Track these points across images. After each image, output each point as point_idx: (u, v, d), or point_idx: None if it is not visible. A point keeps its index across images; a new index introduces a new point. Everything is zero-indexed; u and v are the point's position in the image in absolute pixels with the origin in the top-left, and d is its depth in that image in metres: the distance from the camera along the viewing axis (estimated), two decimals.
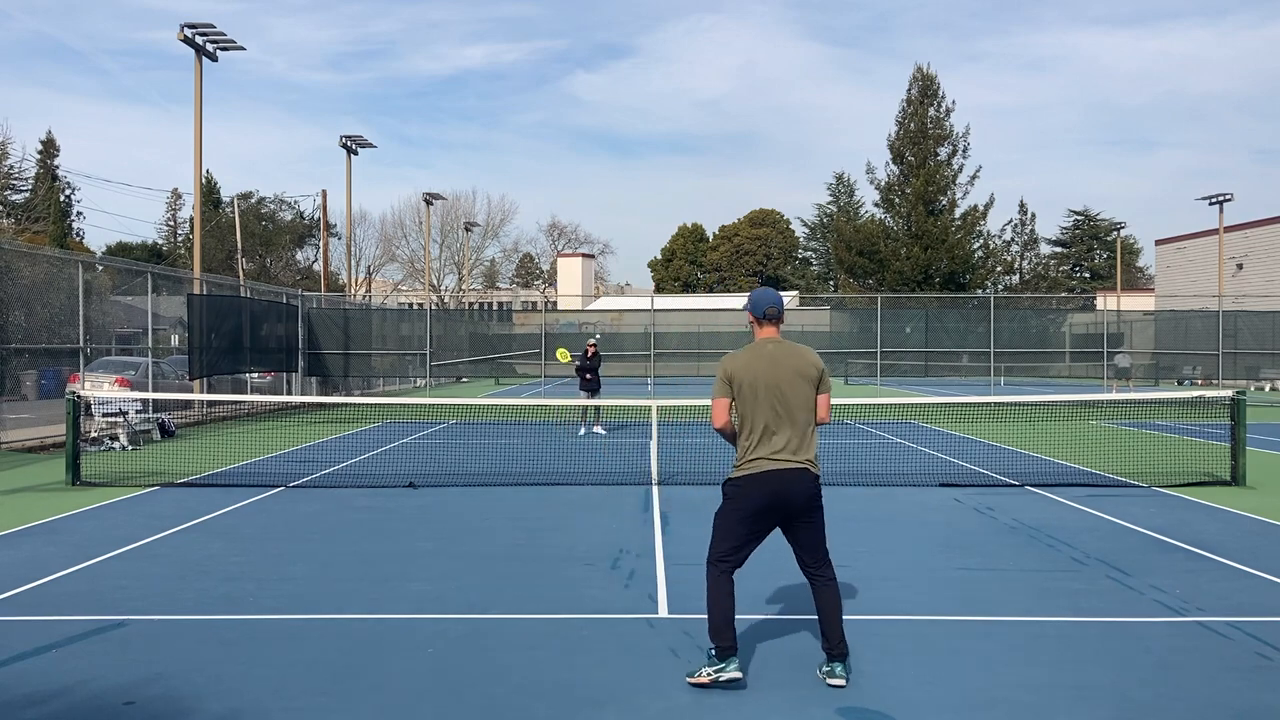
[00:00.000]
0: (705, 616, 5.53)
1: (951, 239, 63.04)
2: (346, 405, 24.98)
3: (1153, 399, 23.16)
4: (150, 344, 23.58)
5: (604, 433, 19.92)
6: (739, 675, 5.41)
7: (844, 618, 5.62)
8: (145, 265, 25.16)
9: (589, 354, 20.26)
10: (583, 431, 19.90)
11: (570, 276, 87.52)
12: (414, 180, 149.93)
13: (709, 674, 5.42)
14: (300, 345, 30.40)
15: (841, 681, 5.44)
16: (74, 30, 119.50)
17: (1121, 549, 9.06)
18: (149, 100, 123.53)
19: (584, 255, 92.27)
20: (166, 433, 19.38)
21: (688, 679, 5.48)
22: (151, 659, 5.93)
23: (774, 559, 7.05)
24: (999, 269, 68.74)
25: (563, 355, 21.44)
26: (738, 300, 57.38)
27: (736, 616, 5.56)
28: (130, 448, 17.23)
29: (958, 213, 64.32)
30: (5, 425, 17.61)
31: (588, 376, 20.24)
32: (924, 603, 7.24)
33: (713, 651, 5.47)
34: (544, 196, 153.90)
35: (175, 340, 27.88)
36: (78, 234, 63.66)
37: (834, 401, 6.69)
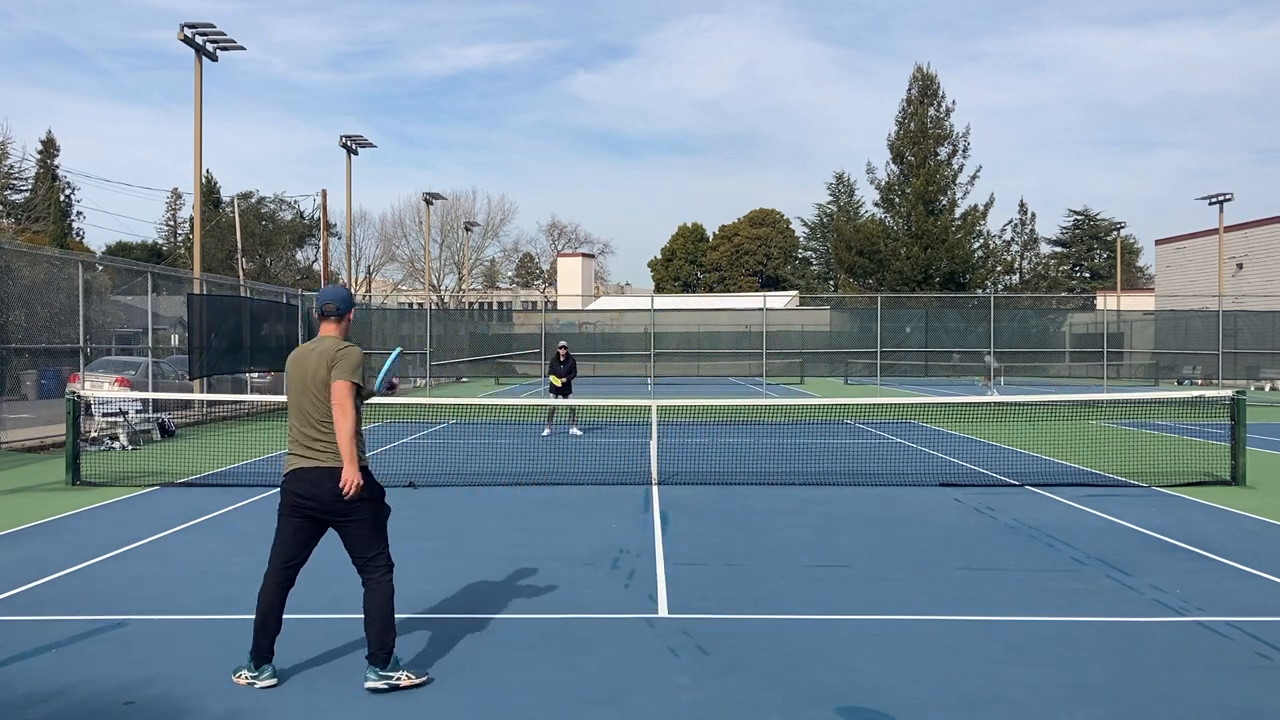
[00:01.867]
0: (701, 616, 5.51)
1: (951, 239, 63.06)
2: None
3: (1153, 399, 23.15)
4: (150, 344, 23.58)
5: (579, 432, 19.86)
6: (274, 681, 5.45)
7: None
8: (145, 265, 25.17)
9: (563, 357, 20.32)
10: (546, 432, 19.75)
11: (570, 276, 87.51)
12: (414, 180, 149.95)
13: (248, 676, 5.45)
14: (300, 346, 30.38)
15: (375, 684, 5.33)
16: (74, 30, 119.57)
17: (1121, 549, 9.06)
18: (149, 100, 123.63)
19: (584, 255, 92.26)
20: (166, 433, 19.38)
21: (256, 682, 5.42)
22: (151, 659, 5.93)
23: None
24: (999, 269, 68.76)
25: (556, 380, 21.32)
26: (738, 300, 57.47)
27: (728, 617, 5.52)
28: (130, 448, 17.23)
29: (958, 213, 64.36)
30: (5, 425, 17.61)
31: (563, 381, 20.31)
32: (924, 603, 7.24)
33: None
34: (544, 196, 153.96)
35: (175, 340, 27.88)
36: (78, 234, 63.67)
37: (834, 401, 6.65)
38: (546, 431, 19.78)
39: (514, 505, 11.51)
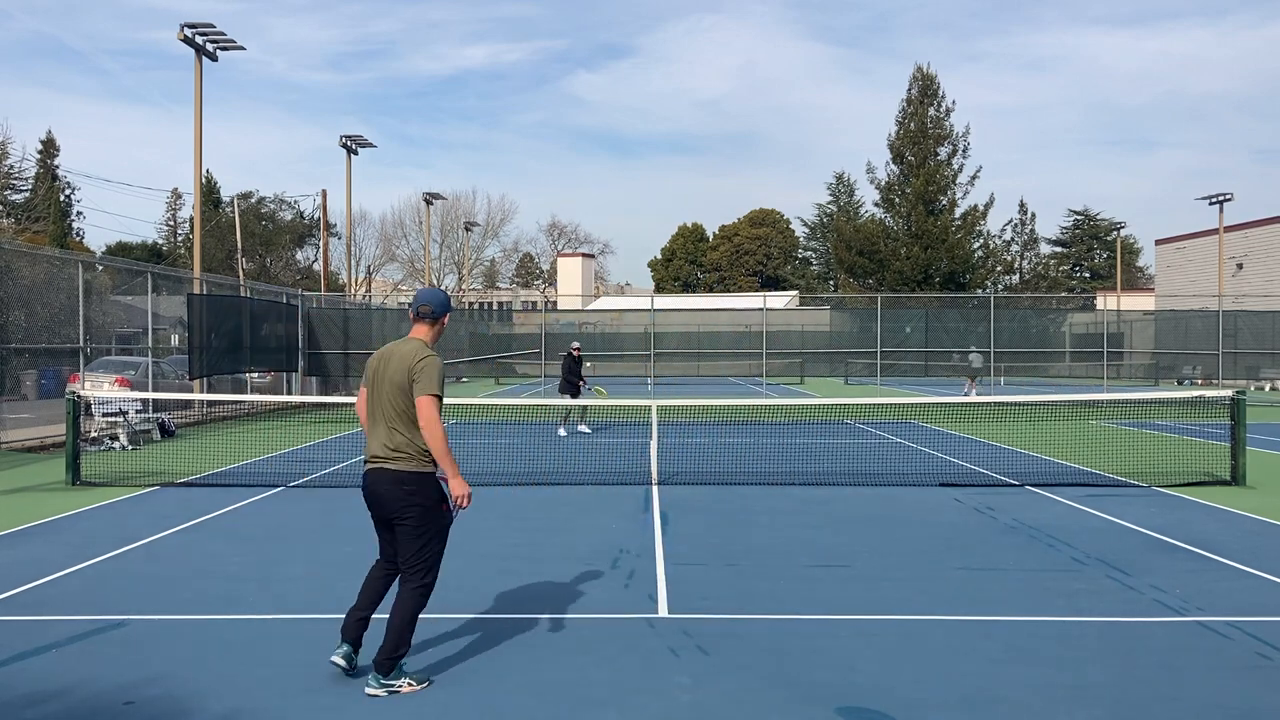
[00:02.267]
0: (701, 616, 5.52)
1: (951, 239, 63.06)
2: (347, 405, 24.92)
3: (1153, 399, 23.15)
4: (150, 344, 23.57)
5: (588, 430, 19.96)
6: (341, 661, 5.53)
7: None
8: (145, 265, 25.16)
9: (575, 358, 20.45)
10: (563, 432, 19.86)
11: (570, 276, 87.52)
12: (414, 180, 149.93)
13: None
14: (300, 345, 30.39)
15: (374, 691, 5.32)
16: (74, 30, 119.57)
17: (1121, 549, 9.06)
18: (149, 100, 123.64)
19: (584, 255, 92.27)
20: (166, 432, 19.37)
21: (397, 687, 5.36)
22: (151, 659, 5.93)
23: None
24: (999, 269, 68.76)
25: (601, 392, 21.55)
26: (738, 300, 57.45)
27: (727, 617, 5.52)
28: (130, 448, 17.23)
29: (958, 212, 64.36)
30: (5, 425, 17.61)
31: (574, 381, 20.41)
32: (924, 603, 7.24)
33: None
34: (544, 196, 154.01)
35: (175, 340, 27.86)
36: (78, 234, 63.66)
37: (834, 401, 6.64)
38: (563, 432, 19.91)
39: (514, 505, 11.51)
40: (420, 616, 6.86)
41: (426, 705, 5.23)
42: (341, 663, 5.51)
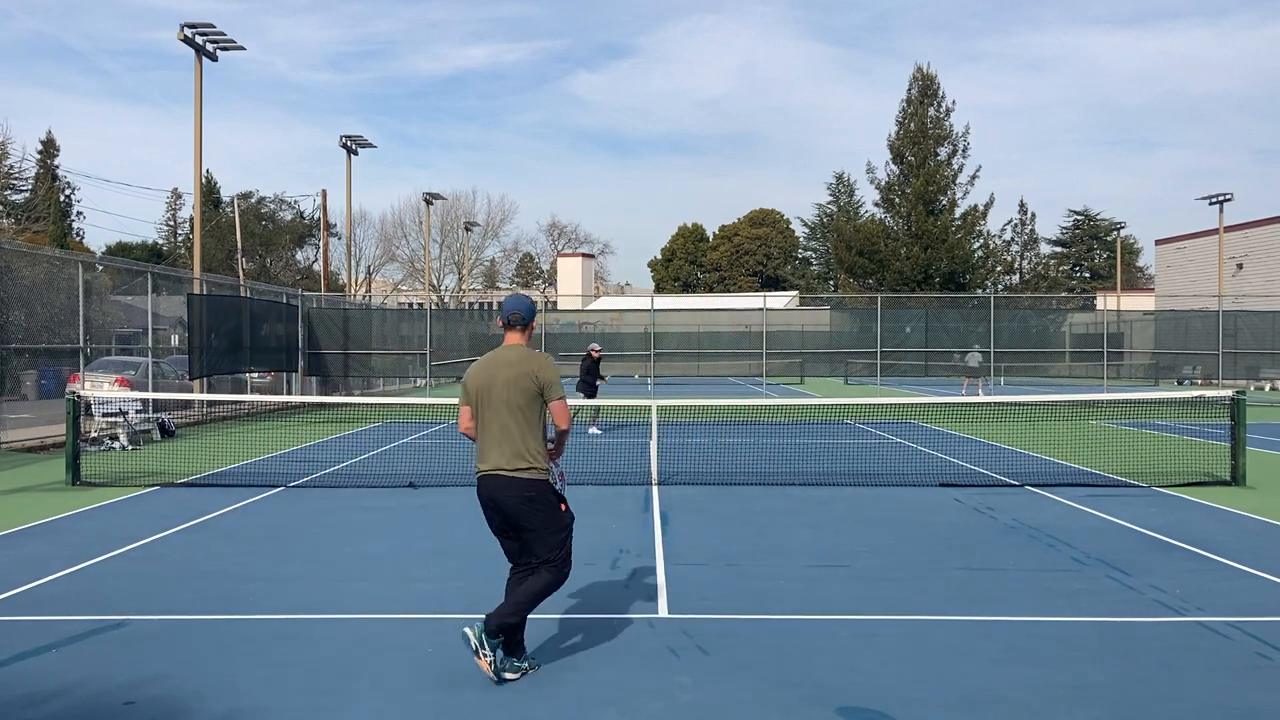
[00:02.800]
0: (701, 616, 5.53)
1: (951, 239, 63.06)
2: (346, 405, 24.97)
3: (1153, 399, 23.15)
4: (150, 344, 23.57)
5: (599, 432, 20.00)
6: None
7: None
8: (145, 265, 25.16)
9: (595, 360, 20.46)
10: (594, 430, 20.04)
11: (570, 276, 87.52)
12: (414, 180, 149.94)
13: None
14: (300, 345, 30.40)
15: (487, 659, 5.39)
16: (74, 30, 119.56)
17: (1121, 549, 9.06)
18: (149, 100, 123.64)
19: (584, 255, 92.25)
20: (166, 433, 19.37)
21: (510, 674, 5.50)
22: (151, 659, 5.93)
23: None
24: (999, 269, 68.76)
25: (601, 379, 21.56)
26: (738, 300, 57.45)
27: (726, 617, 5.52)
28: (130, 448, 17.23)
29: (958, 212, 64.36)
30: (5, 425, 17.61)
31: (591, 381, 20.42)
32: (924, 603, 7.24)
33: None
34: (544, 196, 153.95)
35: (175, 340, 27.88)
36: (78, 234, 63.66)
37: (834, 401, 6.63)
38: (594, 430, 20.05)
39: None
40: (420, 617, 6.89)
41: (426, 705, 5.23)
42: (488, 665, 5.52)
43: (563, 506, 5.71)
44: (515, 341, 5.72)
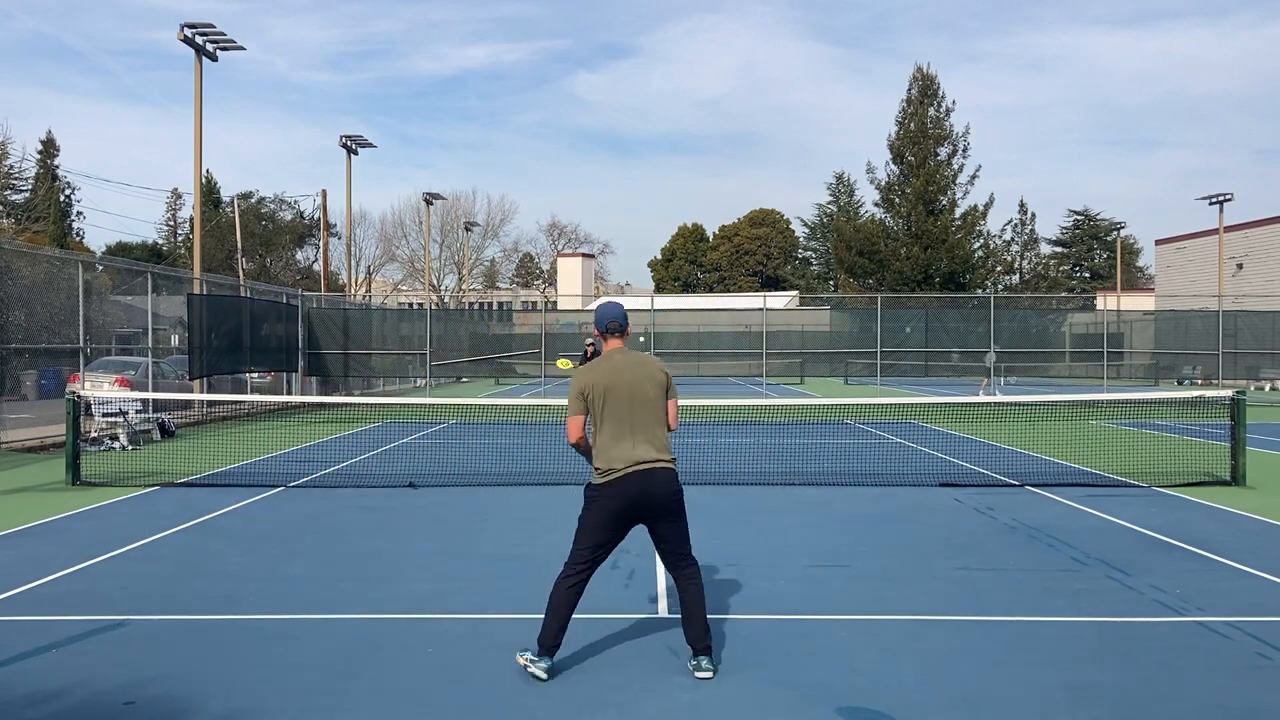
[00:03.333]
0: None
1: (951, 239, 63.08)
2: (346, 405, 24.97)
3: (1153, 399, 23.15)
4: (150, 344, 23.57)
5: None
6: (545, 676, 5.58)
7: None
8: (145, 265, 25.16)
9: (589, 355, 20.29)
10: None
11: (570, 276, 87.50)
12: (414, 180, 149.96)
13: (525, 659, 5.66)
14: (300, 345, 30.40)
15: (708, 674, 5.57)
16: (74, 30, 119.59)
17: (1121, 549, 9.06)
18: (150, 100, 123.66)
19: (584, 255, 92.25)
20: (166, 433, 19.37)
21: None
22: (151, 659, 5.94)
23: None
24: (999, 269, 68.76)
25: (564, 364, 21.30)
26: (738, 300, 57.44)
27: (726, 618, 5.52)
28: (130, 448, 17.23)
29: (958, 213, 64.37)
30: (5, 425, 17.61)
31: None
32: (924, 603, 7.24)
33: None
34: (544, 196, 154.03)
35: (175, 340, 27.87)
36: (78, 234, 63.66)
37: (834, 401, 6.63)
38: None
39: (514, 505, 11.51)
40: (420, 617, 6.89)
41: (426, 704, 5.23)
42: (545, 675, 5.57)
43: None
44: (619, 345, 5.89)
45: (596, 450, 5.74)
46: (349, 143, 40.05)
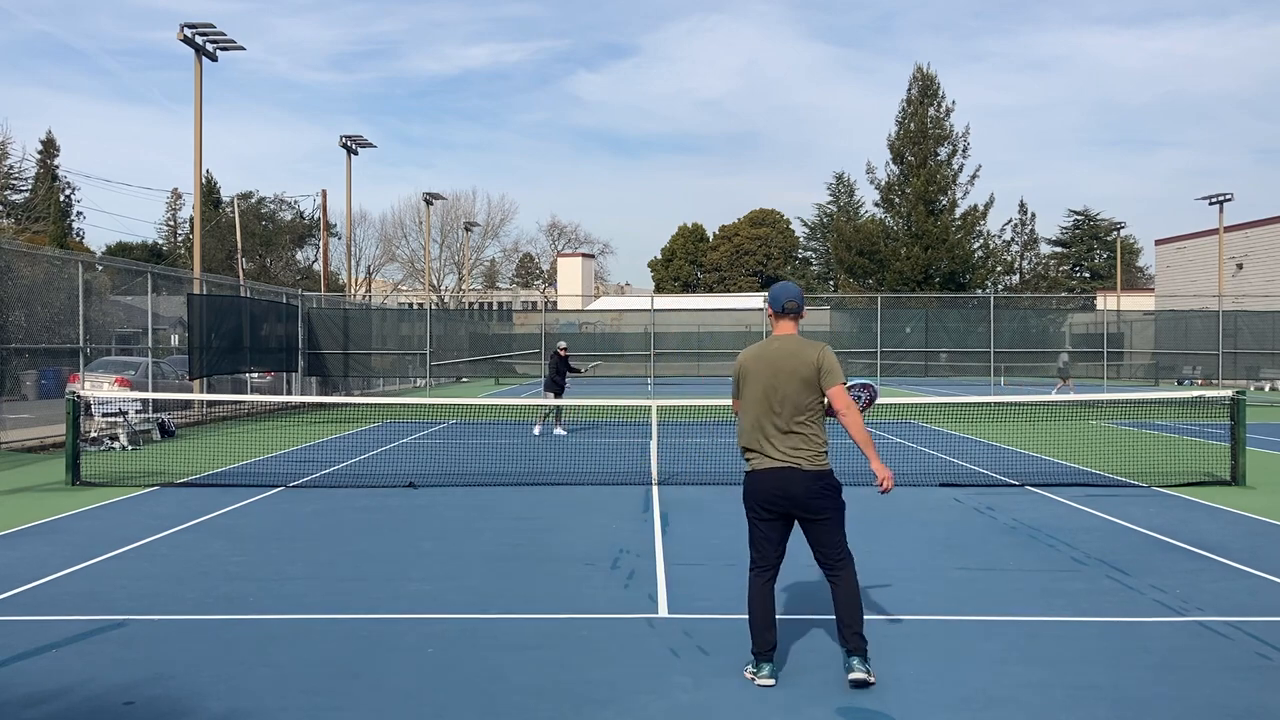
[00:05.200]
0: (701, 616, 5.54)
1: (951, 239, 63.06)
2: (346, 405, 24.97)
3: (1153, 399, 23.14)
4: (150, 344, 23.56)
5: (564, 433, 19.79)
6: (771, 681, 5.47)
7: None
8: (145, 265, 25.16)
9: (559, 359, 20.39)
10: (538, 431, 19.78)
11: (570, 276, 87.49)
12: (415, 180, 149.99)
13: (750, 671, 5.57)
14: (300, 345, 30.40)
15: (861, 675, 5.37)
16: (75, 30, 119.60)
17: (1121, 549, 9.06)
18: (150, 100, 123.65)
19: (584, 255, 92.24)
20: (166, 433, 19.37)
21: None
22: (151, 659, 5.93)
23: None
24: (999, 269, 68.75)
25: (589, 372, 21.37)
26: (738, 300, 57.42)
27: (724, 617, 5.51)
28: (130, 448, 17.23)
29: (958, 213, 64.35)
30: (5, 425, 17.61)
31: (556, 379, 20.38)
32: (925, 602, 7.24)
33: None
34: (544, 196, 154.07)
35: (175, 340, 27.86)
36: (78, 234, 63.67)
37: None
38: (538, 430, 19.81)
39: (514, 505, 11.51)
40: (420, 617, 6.89)
41: (425, 705, 5.23)
42: (772, 682, 5.47)
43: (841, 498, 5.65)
44: (788, 330, 5.63)
45: (739, 434, 5.62)
46: (349, 143, 40.03)
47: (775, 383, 5.47)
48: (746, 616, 5.62)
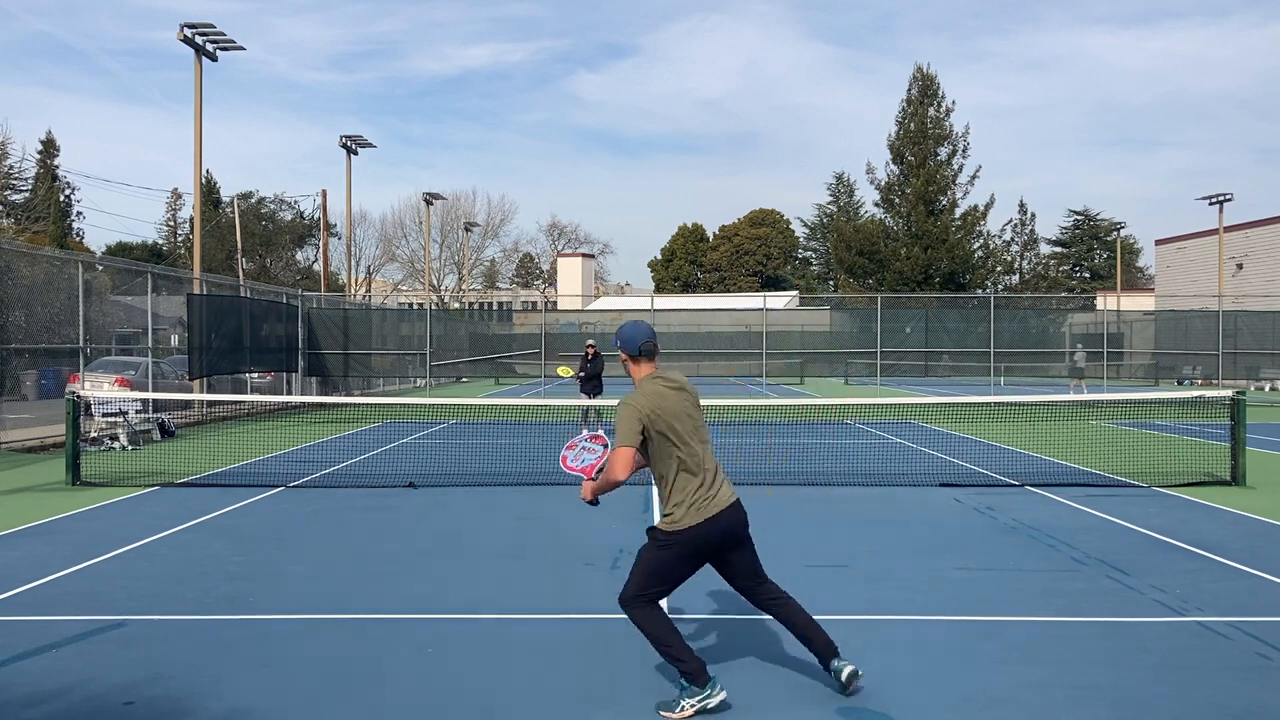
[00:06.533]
0: (701, 616, 5.50)
1: (951, 239, 63.11)
2: (346, 405, 24.97)
3: (1153, 399, 23.14)
4: (150, 344, 23.56)
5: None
6: (724, 693, 5.07)
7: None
8: (145, 265, 25.15)
9: (590, 355, 20.06)
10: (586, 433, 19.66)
11: (570, 276, 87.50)
12: (416, 180, 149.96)
13: (693, 704, 5.02)
14: (300, 345, 30.40)
15: (851, 666, 5.22)
16: (75, 30, 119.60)
17: (1121, 549, 9.06)
18: (151, 100, 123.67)
19: (584, 255, 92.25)
20: (166, 433, 19.37)
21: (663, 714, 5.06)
22: (151, 659, 5.93)
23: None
24: (999, 269, 68.78)
25: (564, 370, 20.96)
26: (738, 300, 57.43)
27: (724, 617, 5.46)
28: (130, 448, 17.22)
29: (958, 213, 64.39)
30: (5, 425, 17.61)
31: (584, 377, 19.98)
32: (924, 603, 7.24)
33: (685, 680, 5.08)
34: (544, 196, 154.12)
35: (175, 340, 27.87)
36: (78, 234, 63.66)
37: (834, 401, 6.51)
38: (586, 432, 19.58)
39: (514, 505, 11.51)
40: (420, 617, 6.89)
41: (425, 705, 5.23)
42: (724, 694, 5.10)
43: None
44: (653, 369, 5.39)
45: (674, 493, 5.24)
46: (349, 143, 40.01)
47: (696, 420, 5.27)
48: (662, 649, 5.15)
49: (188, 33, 25.39)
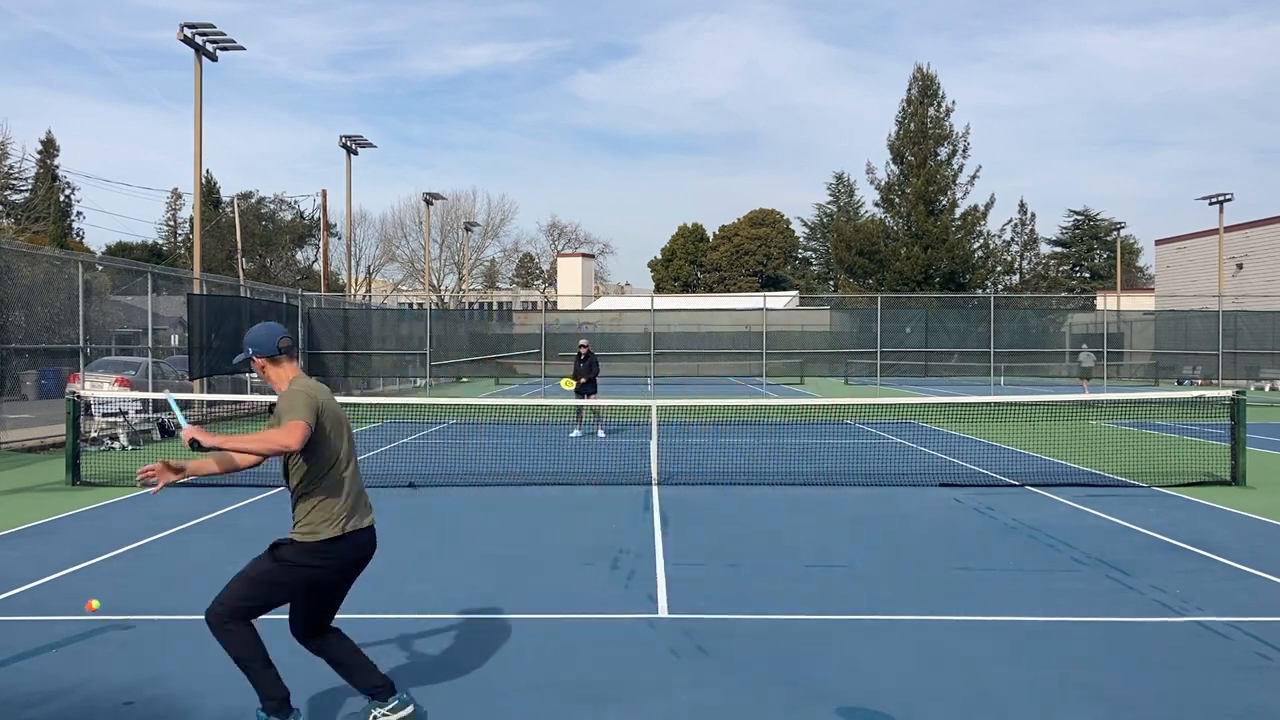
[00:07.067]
0: (701, 616, 5.48)
1: (952, 239, 63.12)
2: (346, 405, 24.94)
3: (1153, 399, 23.14)
4: (150, 344, 23.56)
5: (604, 435, 19.64)
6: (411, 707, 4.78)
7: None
8: (145, 265, 25.15)
9: (583, 355, 20.11)
10: (576, 433, 19.68)
11: (570, 276, 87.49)
12: (416, 180, 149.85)
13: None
14: (300, 345, 30.40)
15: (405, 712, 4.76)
16: (75, 30, 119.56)
17: (1121, 549, 9.06)
18: (151, 100, 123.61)
19: (584, 255, 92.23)
20: (166, 433, 19.37)
21: None
22: (151, 659, 5.94)
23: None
24: (999, 269, 68.79)
25: (566, 384, 20.93)
26: (738, 300, 57.44)
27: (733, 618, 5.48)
28: (130, 448, 17.22)
29: (958, 213, 64.40)
30: (5, 425, 17.61)
31: (583, 380, 19.99)
32: (923, 603, 7.24)
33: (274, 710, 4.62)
34: (544, 196, 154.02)
35: (175, 340, 27.87)
36: (78, 234, 63.67)
37: (834, 401, 6.54)
38: (576, 432, 19.67)
39: (514, 505, 11.51)
40: (420, 617, 6.89)
41: (425, 705, 5.23)
42: (412, 708, 4.85)
43: None
44: (297, 372, 4.98)
45: (328, 493, 4.89)
46: (349, 143, 40.01)
47: (348, 429, 4.90)
48: (252, 673, 4.81)
49: (188, 33, 25.39)
